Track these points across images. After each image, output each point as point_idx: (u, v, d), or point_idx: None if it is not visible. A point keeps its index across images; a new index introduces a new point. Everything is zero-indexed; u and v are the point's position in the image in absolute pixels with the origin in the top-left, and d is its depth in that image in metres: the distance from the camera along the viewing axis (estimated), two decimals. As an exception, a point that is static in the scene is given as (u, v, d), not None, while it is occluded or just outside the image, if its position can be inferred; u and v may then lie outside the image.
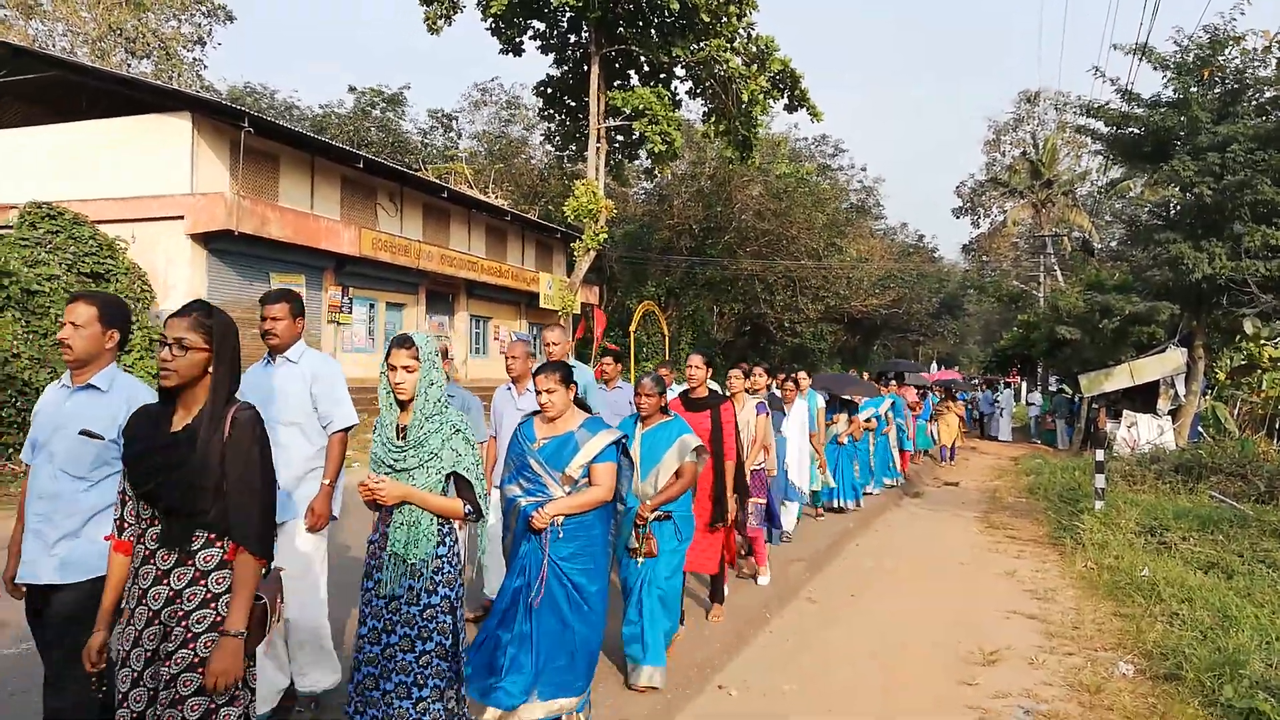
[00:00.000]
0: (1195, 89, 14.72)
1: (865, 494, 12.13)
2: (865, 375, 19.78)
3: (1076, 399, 22.25)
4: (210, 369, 2.67)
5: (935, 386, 21.42)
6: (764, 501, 7.00)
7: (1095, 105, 16.84)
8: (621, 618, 4.87)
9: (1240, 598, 6.37)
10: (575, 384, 4.19)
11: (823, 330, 35.63)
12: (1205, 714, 4.63)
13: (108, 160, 16.88)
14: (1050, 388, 31.08)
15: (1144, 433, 16.66)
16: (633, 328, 28.03)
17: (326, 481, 4.18)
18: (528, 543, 4.04)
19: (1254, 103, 14.66)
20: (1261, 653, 5.13)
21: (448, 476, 3.36)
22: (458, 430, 3.38)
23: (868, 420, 12.01)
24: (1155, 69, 15.34)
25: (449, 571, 3.38)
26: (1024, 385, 30.66)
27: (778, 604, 6.87)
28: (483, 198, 27.07)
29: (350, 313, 20.50)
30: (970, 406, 27.58)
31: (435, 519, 3.35)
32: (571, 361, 5.71)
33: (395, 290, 22.15)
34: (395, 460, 3.35)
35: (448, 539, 3.39)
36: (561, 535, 3.99)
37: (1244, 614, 5.92)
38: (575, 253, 23.66)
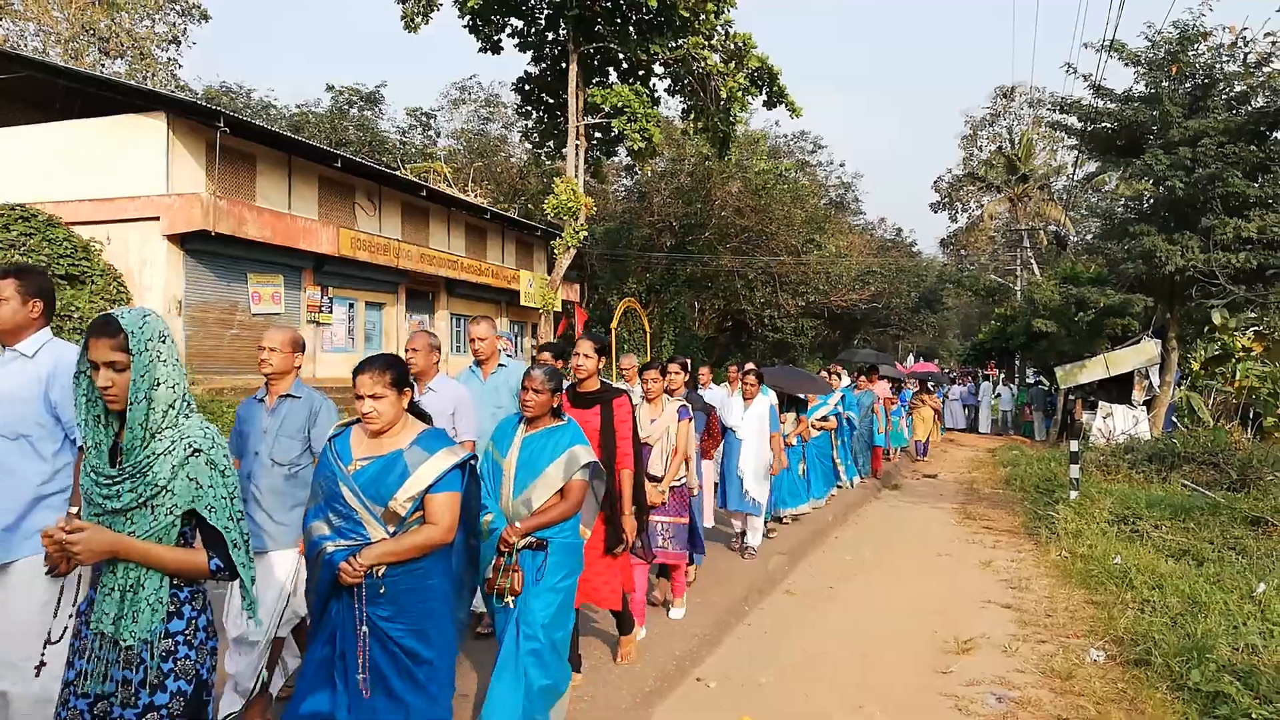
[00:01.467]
0: (1166, 84, 14.91)
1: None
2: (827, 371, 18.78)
3: (1053, 390, 22.48)
4: None
5: (910, 379, 20.84)
6: (684, 521, 5.89)
7: (1069, 101, 17.03)
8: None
9: (1210, 584, 6.49)
10: (411, 388, 3.22)
11: (803, 325, 35.77)
12: (1173, 698, 4.73)
13: (81, 161, 16.73)
14: (1029, 380, 31.38)
15: (1119, 423, 16.87)
16: (614, 325, 28.05)
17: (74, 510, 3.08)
18: (337, 600, 3.06)
19: (1224, 97, 14.86)
20: (1228, 637, 5.24)
21: (185, 517, 2.44)
22: (198, 450, 2.43)
23: (823, 420, 10.69)
24: (1126, 65, 15.53)
25: (186, 656, 2.44)
26: (1000, 378, 30.89)
27: (757, 596, 6.94)
28: (462, 196, 27.01)
29: (330, 312, 20.42)
30: (946, 399, 27.62)
31: (164, 581, 2.42)
32: (504, 360, 5.52)
33: (375, 290, 22.08)
34: (106, 498, 2.39)
35: (186, 609, 2.46)
36: (383, 591, 3.00)
37: (1213, 600, 6.04)
38: (556, 250, 23.66)
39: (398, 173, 25.60)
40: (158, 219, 16.11)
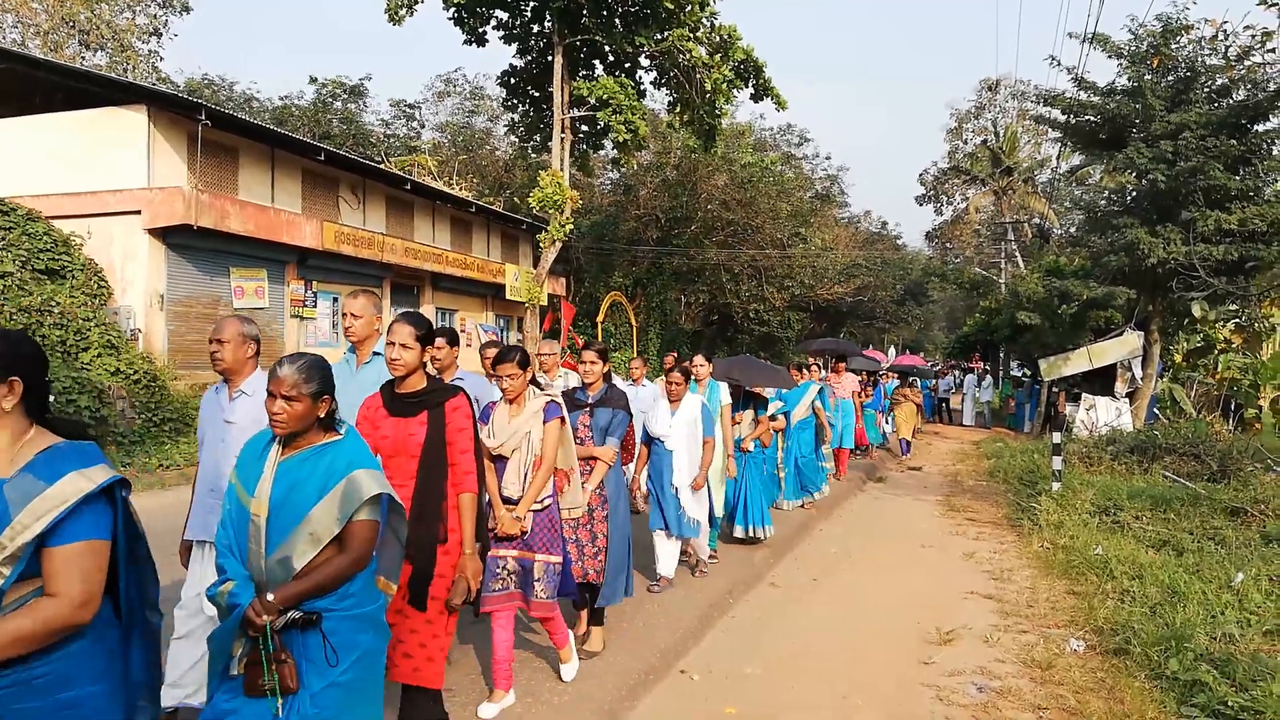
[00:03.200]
0: (1149, 77, 15.00)
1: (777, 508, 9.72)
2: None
3: (1037, 383, 22.61)
4: None
5: (891, 372, 19.84)
6: (558, 561, 4.49)
7: (1053, 94, 17.11)
8: None
9: (1189, 574, 6.56)
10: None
11: (790, 318, 35.85)
12: (1151, 686, 4.78)
13: (62, 155, 16.56)
14: (1013, 372, 31.59)
15: (1102, 415, 16.99)
16: (600, 318, 28.08)
17: None
18: None
19: (1205, 90, 14.97)
20: (1206, 626, 5.30)
21: None
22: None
23: (774, 418, 9.20)
24: (1109, 57, 15.62)
25: None
26: (983, 370, 31.12)
27: (742, 589, 6.97)
28: (447, 189, 26.90)
29: (314, 307, 20.32)
30: (931, 393, 27.59)
31: None
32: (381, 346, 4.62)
33: (359, 284, 21.94)
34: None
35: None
36: None
37: (1191, 590, 6.10)
38: (541, 244, 23.59)
39: (382, 166, 25.48)
40: (139, 213, 15.97)
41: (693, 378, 7.31)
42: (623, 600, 5.51)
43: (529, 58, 24.73)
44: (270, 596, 2.59)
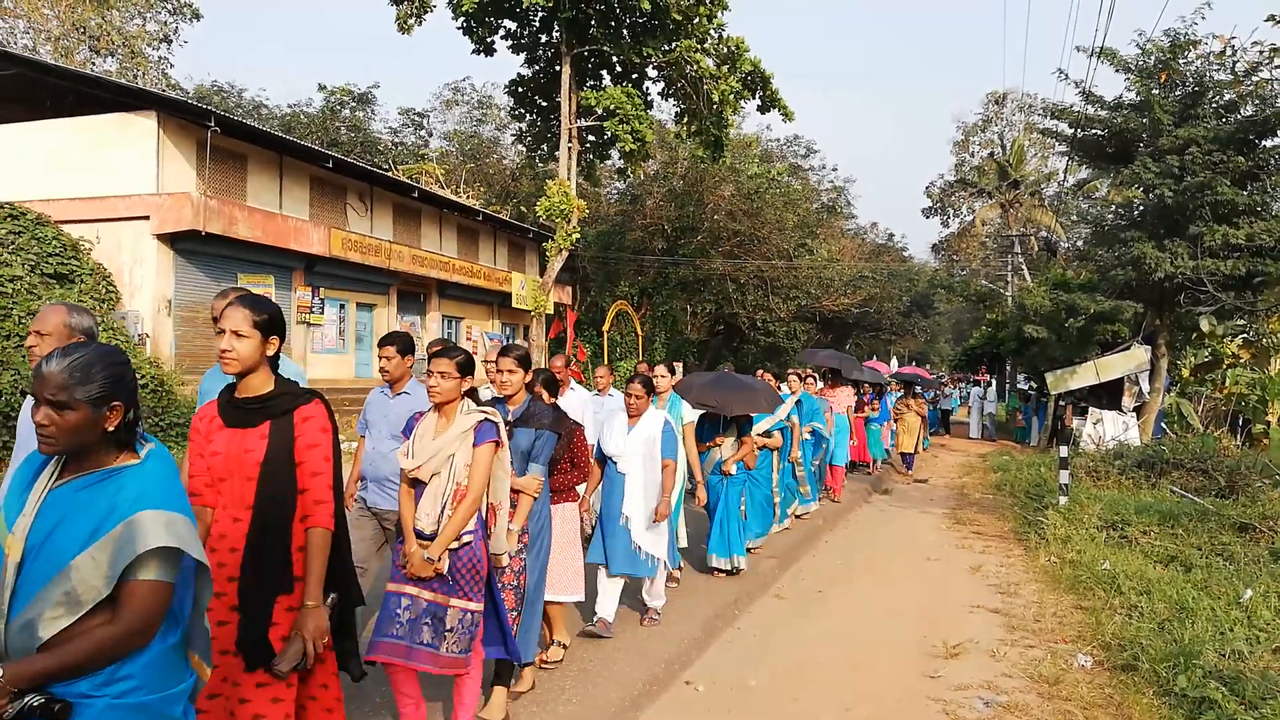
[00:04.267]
0: (1156, 91, 15.00)
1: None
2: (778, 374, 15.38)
3: (1044, 396, 22.55)
4: None
5: (894, 383, 18.96)
6: (477, 609, 3.70)
7: (1060, 107, 17.11)
8: None
9: (1197, 590, 6.51)
10: None
11: (796, 329, 35.84)
12: (1159, 703, 4.74)
13: (71, 160, 16.65)
14: (1020, 385, 31.51)
15: (1109, 429, 16.93)
16: (606, 327, 28.09)
17: None
18: None
19: (1213, 105, 14.95)
20: (1215, 643, 5.26)
21: None
22: None
23: (765, 436, 8.45)
24: (1117, 71, 15.62)
25: None
26: (989, 383, 31.03)
27: (746, 600, 6.94)
28: (454, 198, 26.97)
29: (321, 313, 20.36)
30: (933, 406, 27.15)
31: None
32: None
33: (366, 291, 22.02)
34: None
35: None
36: None
37: (1200, 606, 6.05)
38: (548, 253, 23.64)
39: (390, 174, 25.56)
40: (148, 218, 16.04)
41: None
42: (535, 657, 4.67)
43: (537, 67, 24.83)
44: (2, 673, 1.88)
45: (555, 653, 5.05)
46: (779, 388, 10.25)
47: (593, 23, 22.19)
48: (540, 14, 22.72)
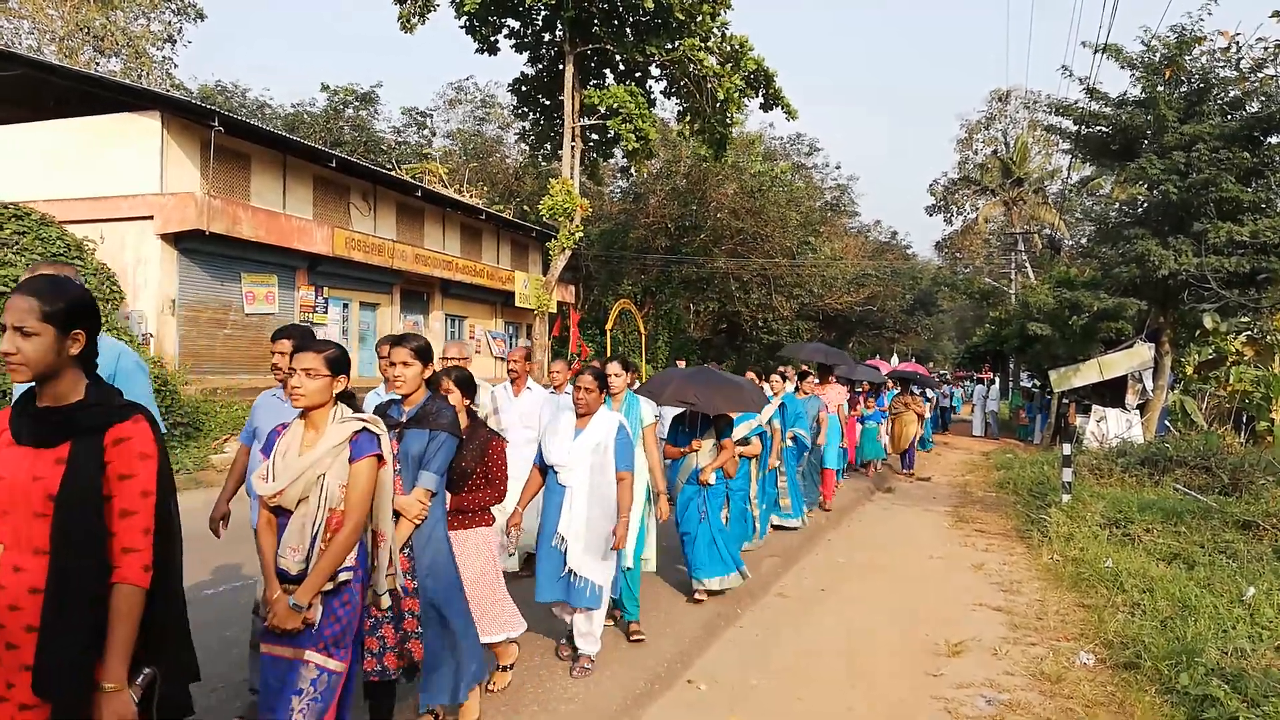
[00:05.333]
0: (1161, 88, 14.96)
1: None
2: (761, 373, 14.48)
3: (1047, 394, 22.51)
4: None
5: (892, 380, 17.95)
6: (338, 669, 2.95)
7: (1064, 104, 17.07)
8: None
9: (1200, 588, 6.50)
10: None
11: (799, 328, 35.83)
12: (1161, 701, 4.74)
13: (75, 160, 16.69)
14: (1024, 383, 31.48)
15: (1112, 427, 16.88)
16: (609, 326, 28.10)
17: None
18: None
19: (1218, 102, 14.92)
20: (1218, 641, 5.25)
21: None
22: None
23: (743, 443, 7.55)
24: (1122, 68, 15.59)
25: None
26: (997, 381, 30.99)
27: (749, 599, 6.94)
28: (457, 197, 26.99)
29: (324, 313, 20.39)
30: (937, 408, 26.75)
31: None
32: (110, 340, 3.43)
33: (369, 290, 22.05)
34: None
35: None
36: None
37: (1203, 604, 6.05)
38: (551, 251, 23.66)
39: (393, 173, 25.59)
40: (152, 218, 16.07)
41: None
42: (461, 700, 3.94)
43: (540, 66, 24.85)
44: None
45: (502, 679, 4.61)
46: (761, 388, 9.37)
47: (596, 21, 22.20)
48: (543, 13, 22.75)
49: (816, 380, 11.67)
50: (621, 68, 24.35)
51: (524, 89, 25.56)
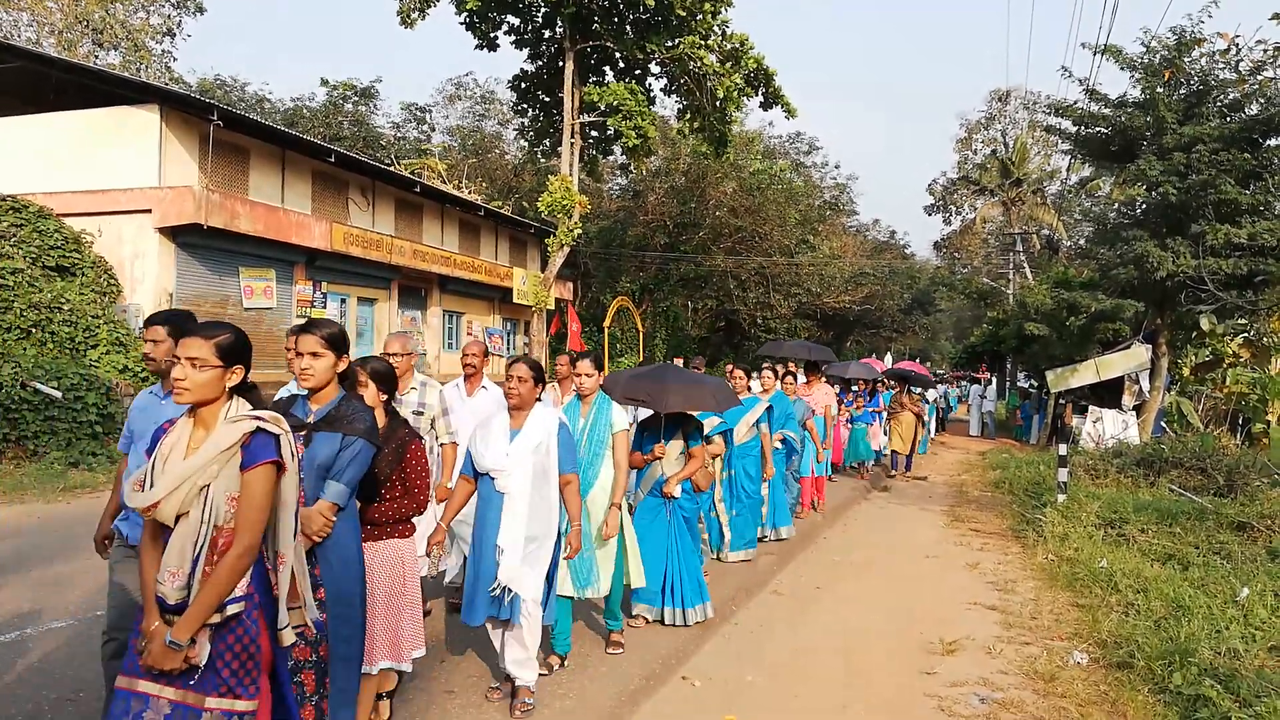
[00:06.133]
0: (1161, 89, 14.97)
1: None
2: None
3: (1044, 394, 22.54)
4: None
5: (888, 379, 17.45)
6: (248, 708, 2.50)
7: (1063, 105, 17.08)
8: None
9: (1194, 588, 6.53)
10: None
11: (796, 326, 35.85)
12: (1154, 701, 4.76)
13: (74, 153, 16.65)
14: (1021, 383, 31.53)
15: (1109, 428, 16.93)
16: (607, 323, 28.08)
17: None
18: None
19: (1218, 104, 14.93)
20: (1211, 641, 5.27)
21: None
22: None
23: (708, 440, 6.58)
24: (1122, 69, 15.60)
25: None
26: (994, 381, 31.01)
27: (744, 596, 6.95)
28: (456, 193, 26.97)
29: (323, 308, 20.37)
30: (937, 408, 26.52)
31: None
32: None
33: (367, 285, 22.03)
34: None
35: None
36: None
37: (1196, 604, 6.07)
38: (549, 248, 23.65)
39: (392, 168, 25.56)
40: (150, 211, 16.05)
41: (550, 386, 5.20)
42: None
43: (540, 63, 24.82)
44: None
45: (382, 709, 3.99)
46: (749, 385, 8.63)
47: (596, 18, 22.18)
48: (543, 9, 22.73)
49: (804, 381, 11.06)
50: (621, 65, 24.33)
51: (523, 85, 25.53)
